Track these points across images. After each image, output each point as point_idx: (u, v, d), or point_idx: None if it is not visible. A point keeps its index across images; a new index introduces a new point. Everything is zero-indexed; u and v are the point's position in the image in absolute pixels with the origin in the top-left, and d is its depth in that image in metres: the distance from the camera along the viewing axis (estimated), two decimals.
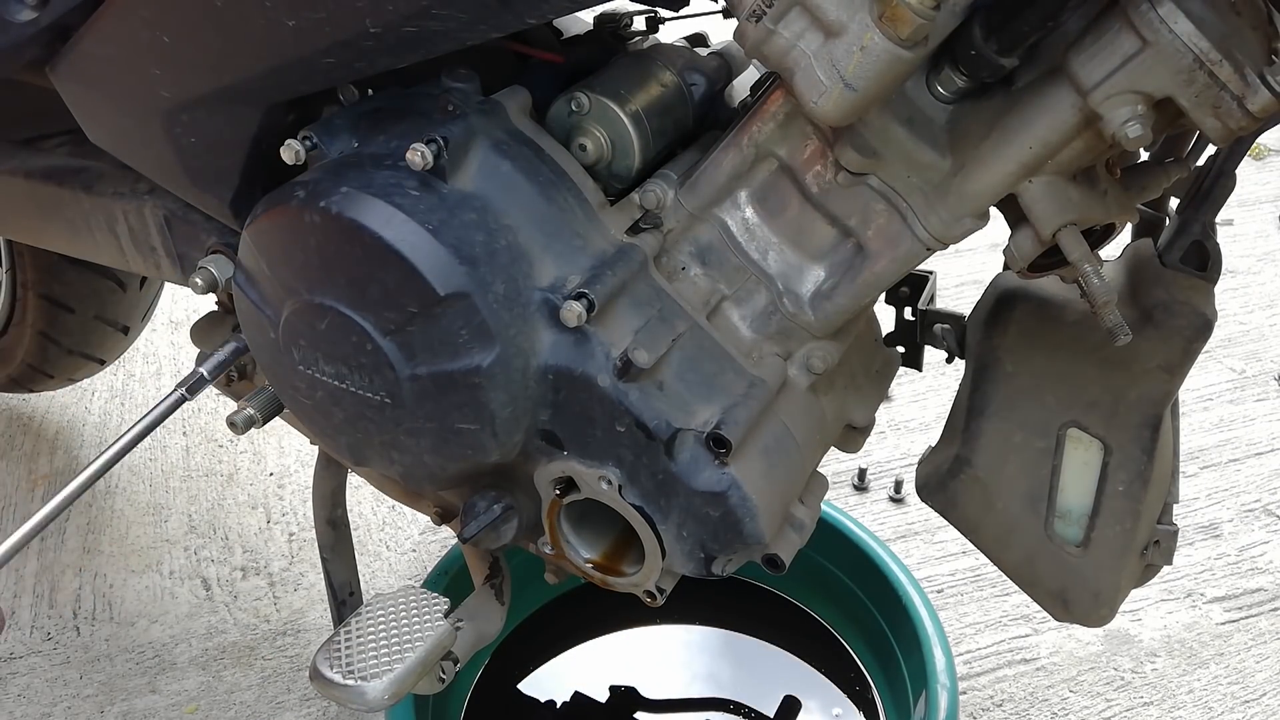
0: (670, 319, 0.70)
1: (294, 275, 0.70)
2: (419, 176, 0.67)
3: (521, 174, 0.69)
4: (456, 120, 0.69)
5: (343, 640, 0.75)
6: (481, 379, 0.67)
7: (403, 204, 0.65)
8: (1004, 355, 0.86)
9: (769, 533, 0.70)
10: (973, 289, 2.11)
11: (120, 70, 0.75)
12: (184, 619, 1.47)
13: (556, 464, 0.72)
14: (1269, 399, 1.91)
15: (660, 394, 0.68)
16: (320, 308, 0.69)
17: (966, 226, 0.68)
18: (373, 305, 0.67)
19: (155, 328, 2.04)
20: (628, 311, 0.69)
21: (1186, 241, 0.79)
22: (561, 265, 0.69)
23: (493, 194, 0.68)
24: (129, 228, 0.98)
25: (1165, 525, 0.88)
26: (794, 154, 0.70)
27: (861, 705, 1.26)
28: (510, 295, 0.66)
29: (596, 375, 0.67)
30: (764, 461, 0.71)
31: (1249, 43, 0.59)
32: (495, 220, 0.67)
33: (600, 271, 0.68)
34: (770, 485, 0.71)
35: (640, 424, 0.67)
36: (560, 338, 0.68)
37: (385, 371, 0.69)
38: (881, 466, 1.73)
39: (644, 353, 0.66)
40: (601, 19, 0.89)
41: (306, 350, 0.72)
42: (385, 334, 0.68)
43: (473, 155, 0.68)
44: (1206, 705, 1.35)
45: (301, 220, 0.67)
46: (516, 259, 0.67)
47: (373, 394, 0.70)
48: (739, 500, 0.68)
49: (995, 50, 0.62)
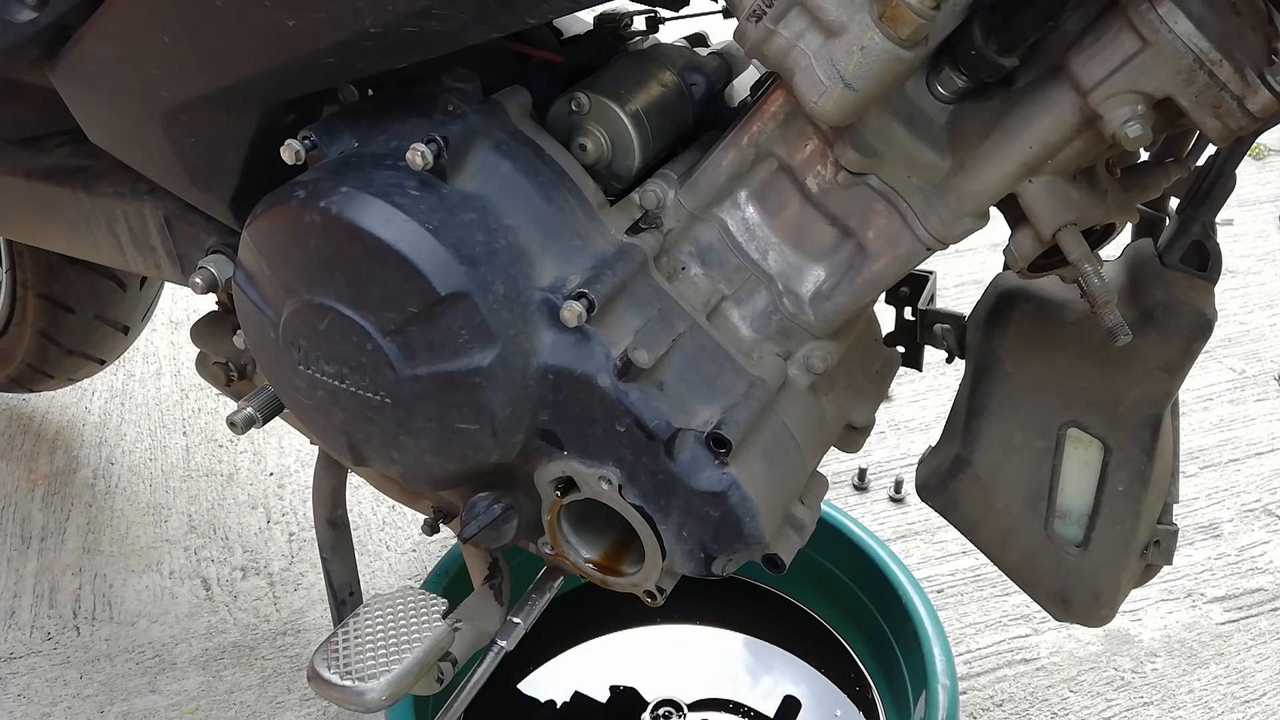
0: (670, 319, 0.70)
1: (294, 275, 0.70)
2: (419, 176, 0.67)
3: (522, 174, 0.69)
4: (457, 120, 0.69)
5: (341, 641, 0.75)
6: (482, 379, 0.66)
7: (403, 204, 0.65)
8: (1004, 355, 0.86)
9: (769, 533, 0.70)
10: (973, 289, 2.11)
11: (120, 70, 0.75)
12: (184, 619, 1.47)
13: (556, 464, 0.72)
14: (1269, 399, 1.91)
15: (660, 394, 0.68)
16: (320, 308, 0.69)
17: (966, 226, 0.68)
18: (373, 305, 0.67)
19: (155, 328, 2.04)
20: (628, 311, 0.69)
21: (1186, 241, 0.79)
22: (562, 265, 0.69)
23: (493, 194, 0.68)
24: (129, 228, 0.98)
25: (1165, 525, 0.88)
26: (794, 154, 0.70)
27: (861, 705, 1.26)
28: (510, 295, 0.66)
29: (596, 375, 0.67)
30: (764, 462, 0.71)
31: (1249, 43, 0.59)
32: (495, 220, 0.67)
33: (600, 271, 0.68)
34: (770, 485, 0.71)
35: (640, 424, 0.67)
36: (560, 338, 0.68)
37: (385, 371, 0.69)
38: (881, 466, 1.73)
39: (644, 353, 0.66)
40: (601, 19, 0.89)
41: (307, 350, 0.72)
42: (385, 334, 0.68)
43: (473, 155, 0.68)
44: (1206, 705, 1.35)
45: (301, 220, 0.67)
46: (516, 259, 0.67)
47: (373, 394, 0.70)
48: (739, 500, 0.68)
49: (995, 50, 0.62)
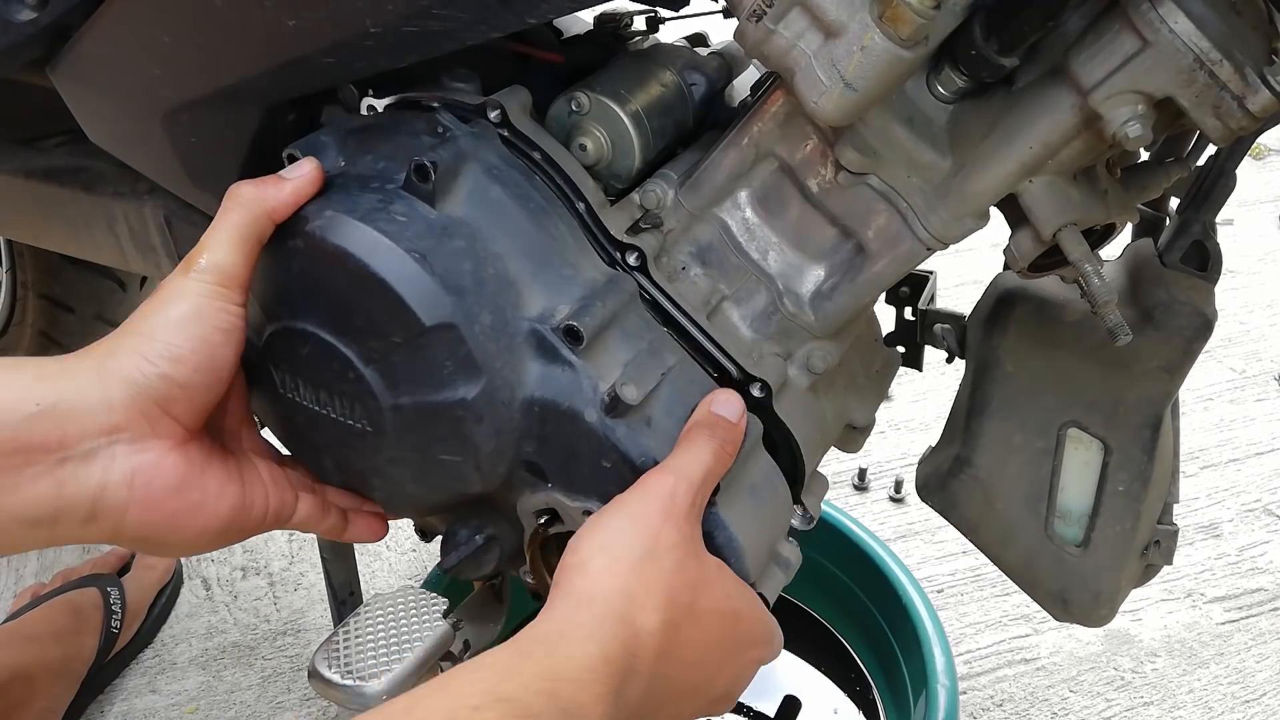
0: (660, 352, 0.68)
1: (276, 298, 0.68)
2: (406, 201, 0.64)
3: (512, 200, 0.67)
4: (446, 143, 0.66)
5: (341, 640, 0.75)
6: (466, 411, 0.64)
7: (389, 230, 0.63)
8: (1004, 355, 0.86)
9: (754, 572, 0.68)
10: (973, 289, 2.11)
11: (120, 70, 0.74)
12: (184, 619, 1.47)
13: (540, 495, 0.69)
14: (1269, 399, 1.91)
15: (648, 430, 0.66)
16: (302, 333, 0.67)
17: (967, 226, 0.68)
18: (356, 333, 0.65)
19: None
20: (618, 344, 0.67)
21: (1187, 241, 0.79)
22: (551, 295, 0.66)
23: (482, 220, 0.66)
24: (129, 228, 0.98)
25: (1165, 525, 0.88)
26: (794, 154, 0.70)
27: (861, 705, 1.26)
28: (498, 326, 0.64)
29: (583, 410, 0.65)
30: (751, 500, 0.69)
31: (1249, 43, 0.59)
32: (484, 248, 0.65)
33: (590, 302, 0.66)
34: (757, 524, 0.69)
35: (627, 460, 0.65)
36: (548, 370, 0.65)
37: (367, 400, 0.67)
38: (881, 466, 1.73)
39: (632, 388, 0.64)
40: (601, 19, 0.89)
41: (287, 374, 0.70)
42: (368, 363, 0.65)
43: (462, 180, 0.66)
44: (1206, 705, 1.35)
45: (284, 243, 0.65)
46: (505, 288, 0.65)
47: (354, 422, 0.69)
48: (725, 540, 0.66)
49: (995, 50, 0.62)
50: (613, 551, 0.59)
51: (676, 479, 0.61)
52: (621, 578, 0.57)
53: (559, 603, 0.57)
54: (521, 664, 0.53)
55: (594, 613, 0.56)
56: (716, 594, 0.62)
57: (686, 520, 0.61)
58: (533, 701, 0.50)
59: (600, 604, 0.56)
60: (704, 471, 0.62)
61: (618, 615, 0.56)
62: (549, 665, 0.53)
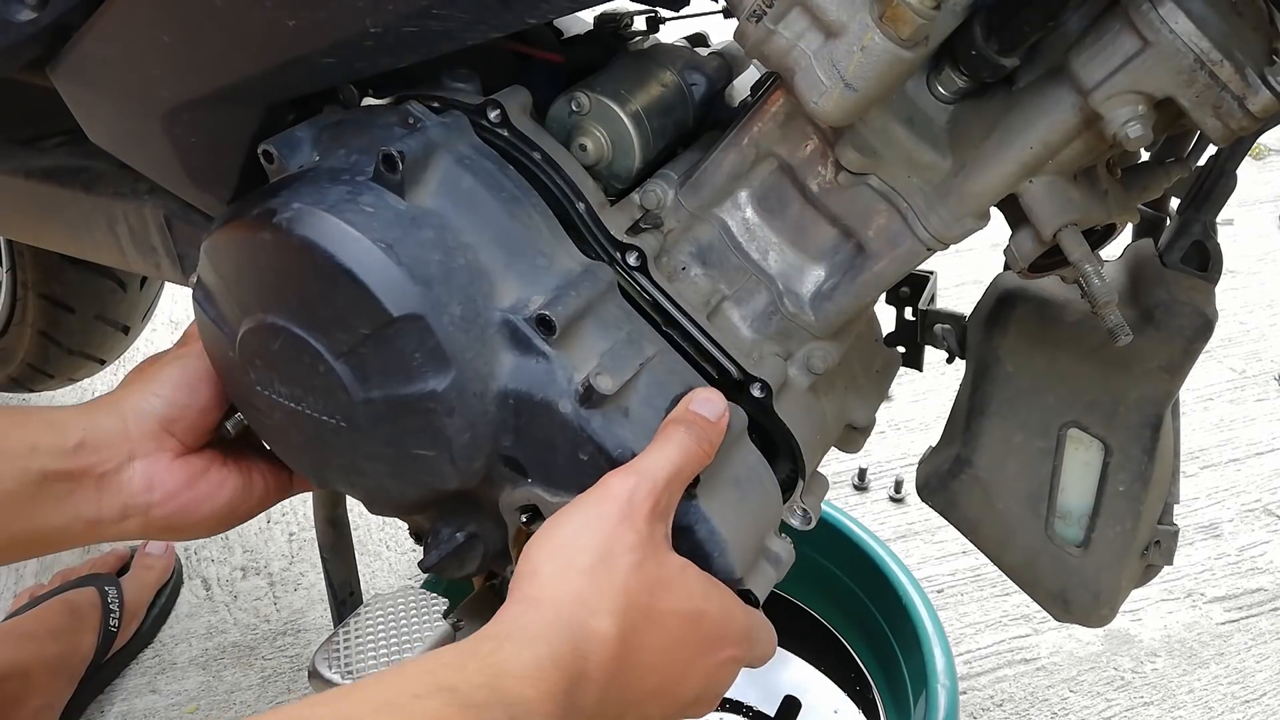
0: (639, 342, 0.67)
1: (248, 293, 0.68)
2: (374, 192, 0.64)
3: (484, 189, 0.66)
4: (416, 134, 0.66)
5: (341, 640, 0.75)
6: (437, 404, 0.64)
7: (356, 221, 0.62)
8: (1004, 355, 0.86)
9: (740, 567, 0.67)
10: (973, 289, 2.11)
11: (120, 70, 0.74)
12: (184, 619, 1.47)
13: (521, 491, 0.69)
14: (1269, 399, 1.91)
15: (625, 420, 0.65)
16: (274, 327, 0.67)
17: (967, 226, 0.68)
18: (324, 326, 0.65)
19: (155, 328, 2.04)
20: (593, 334, 0.66)
21: (1187, 241, 0.79)
22: (524, 285, 0.65)
23: (452, 210, 0.65)
24: (129, 228, 0.98)
25: (1166, 525, 0.88)
26: (794, 154, 0.70)
27: (861, 705, 1.26)
28: (468, 317, 0.63)
29: (558, 401, 0.64)
30: (735, 491, 0.68)
31: (1250, 43, 0.59)
32: (454, 238, 0.64)
33: (564, 292, 0.65)
34: (742, 517, 0.68)
35: (604, 452, 0.64)
36: (521, 361, 0.65)
37: (339, 394, 0.67)
38: (881, 466, 1.73)
39: (608, 378, 0.63)
40: (601, 19, 0.89)
41: (262, 371, 0.70)
42: (338, 356, 0.65)
43: (432, 170, 0.65)
44: (1206, 705, 1.35)
45: (254, 236, 0.65)
46: (476, 279, 0.64)
47: (328, 417, 0.69)
48: (706, 534, 0.65)
49: (996, 50, 0.62)
50: (564, 557, 0.58)
51: (639, 479, 0.60)
52: (572, 584, 0.57)
53: (510, 608, 0.57)
54: (467, 659, 0.53)
55: (543, 616, 0.56)
56: (678, 594, 0.61)
57: (646, 521, 0.60)
58: (474, 693, 0.50)
59: (550, 608, 0.56)
60: (671, 471, 0.61)
61: (567, 619, 0.56)
62: (495, 661, 0.53)
